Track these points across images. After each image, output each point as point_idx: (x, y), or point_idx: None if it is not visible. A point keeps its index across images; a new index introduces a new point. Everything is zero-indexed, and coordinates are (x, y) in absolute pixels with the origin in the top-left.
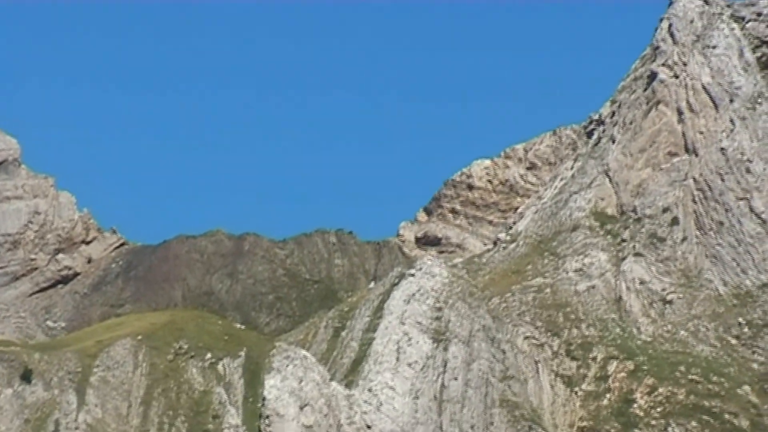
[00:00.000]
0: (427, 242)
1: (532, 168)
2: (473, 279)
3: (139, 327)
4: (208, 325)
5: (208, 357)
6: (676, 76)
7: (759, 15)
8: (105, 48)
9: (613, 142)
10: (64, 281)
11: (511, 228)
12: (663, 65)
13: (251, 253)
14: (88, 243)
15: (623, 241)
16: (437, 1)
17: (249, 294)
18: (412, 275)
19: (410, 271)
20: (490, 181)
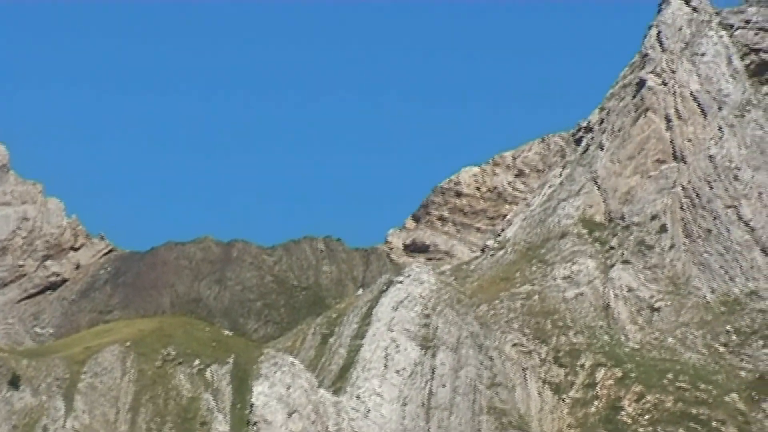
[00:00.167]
0: (415, 249)
1: (520, 175)
2: (461, 286)
3: (127, 333)
4: (196, 331)
5: (196, 363)
6: (665, 84)
7: (747, 22)
8: (94, 54)
9: (602, 149)
10: (53, 287)
11: (499, 235)
12: (651, 72)
13: (239, 260)
14: (77, 249)
15: (611, 248)
16: (426, 7)
17: (237, 300)
18: (400, 282)
19: (398, 278)
20: (478, 188)
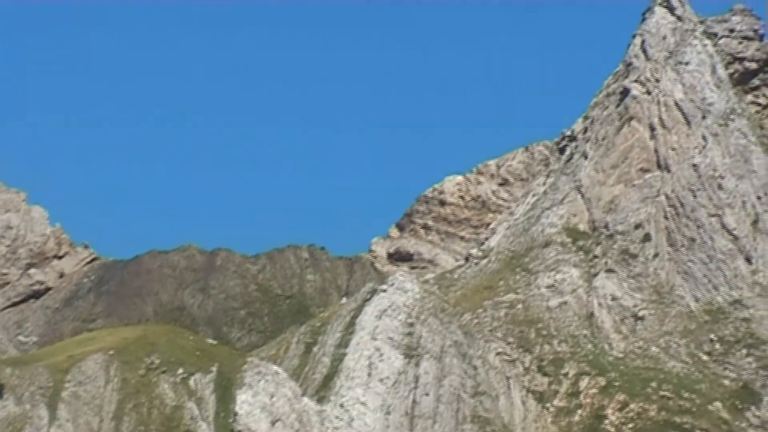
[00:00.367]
0: (399, 258)
1: (504, 184)
2: (445, 295)
3: (110, 342)
4: (180, 340)
5: (179, 372)
6: (649, 93)
7: (731, 31)
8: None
9: (586, 158)
10: (36, 296)
11: (483, 244)
12: (635, 81)
13: (223, 268)
14: (60, 258)
15: (595, 257)
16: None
17: (221, 309)
18: (384, 291)
19: (382, 287)
20: (462, 197)
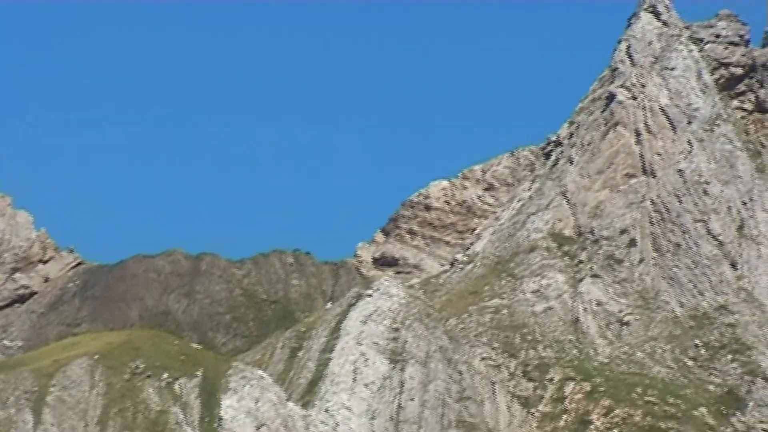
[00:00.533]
0: (384, 263)
1: (489, 189)
2: (430, 300)
3: (95, 346)
4: (165, 344)
5: (164, 377)
6: (634, 98)
7: (717, 37)
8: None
9: (571, 163)
10: (21, 300)
11: (468, 249)
12: (621, 87)
13: (208, 273)
14: (45, 262)
15: (580, 262)
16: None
17: (206, 314)
18: (369, 296)
19: (367, 292)
20: (447, 202)
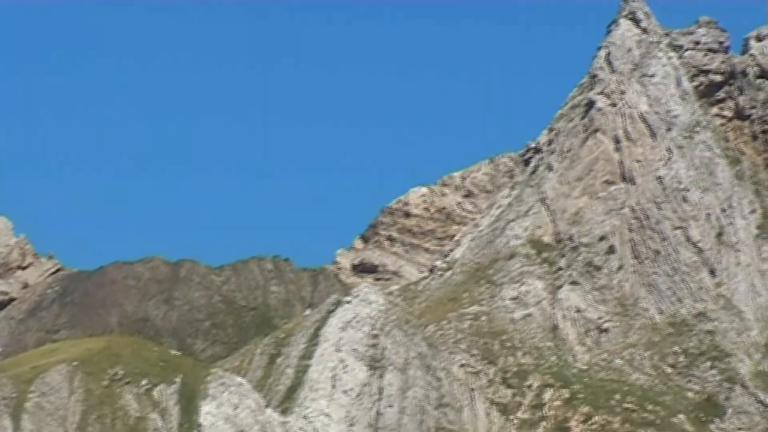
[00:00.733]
0: (363, 269)
1: (469, 196)
2: (409, 306)
3: (74, 353)
4: (144, 351)
5: (143, 383)
6: (614, 105)
7: (697, 44)
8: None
9: (550, 170)
10: (0, 307)
11: (447, 256)
12: (600, 93)
13: (187, 280)
14: (25, 268)
15: (559, 269)
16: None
17: (185, 320)
18: (348, 302)
19: (346, 299)
20: (426, 209)
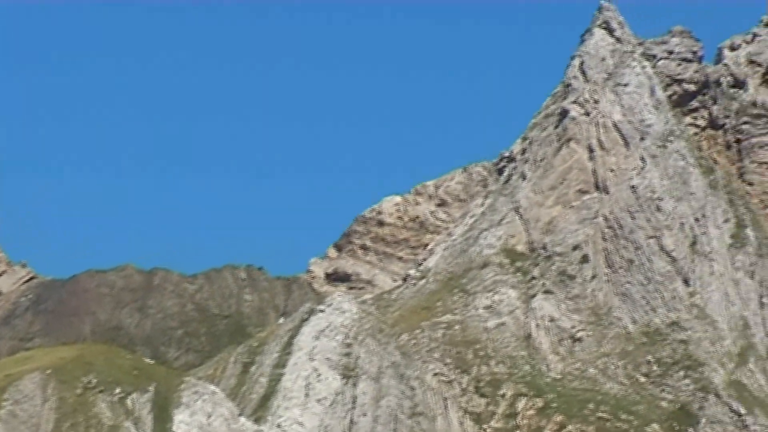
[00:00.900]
0: (337, 278)
1: (442, 205)
2: (383, 315)
3: (48, 361)
4: (118, 359)
5: (117, 391)
6: (587, 114)
7: (670, 53)
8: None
9: (524, 179)
10: None
11: (421, 264)
12: (574, 102)
13: (161, 288)
14: None
15: (533, 278)
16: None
17: (158, 328)
18: (322, 311)
19: (320, 307)
20: (400, 218)
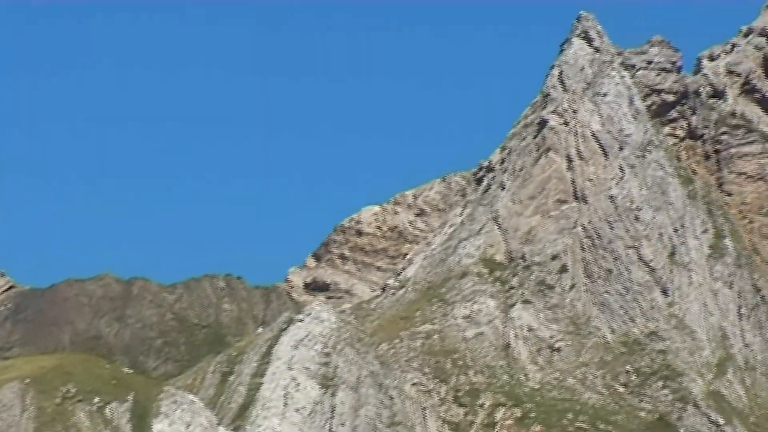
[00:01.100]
0: (315, 288)
1: (421, 214)
2: (361, 325)
3: (27, 370)
4: (96, 368)
5: (95, 401)
6: (566, 124)
7: (649, 63)
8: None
9: (503, 189)
10: None
11: (399, 274)
12: (553, 112)
13: (140, 297)
14: None
15: (512, 288)
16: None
17: (137, 338)
18: (301, 321)
19: (298, 317)
20: (379, 227)
